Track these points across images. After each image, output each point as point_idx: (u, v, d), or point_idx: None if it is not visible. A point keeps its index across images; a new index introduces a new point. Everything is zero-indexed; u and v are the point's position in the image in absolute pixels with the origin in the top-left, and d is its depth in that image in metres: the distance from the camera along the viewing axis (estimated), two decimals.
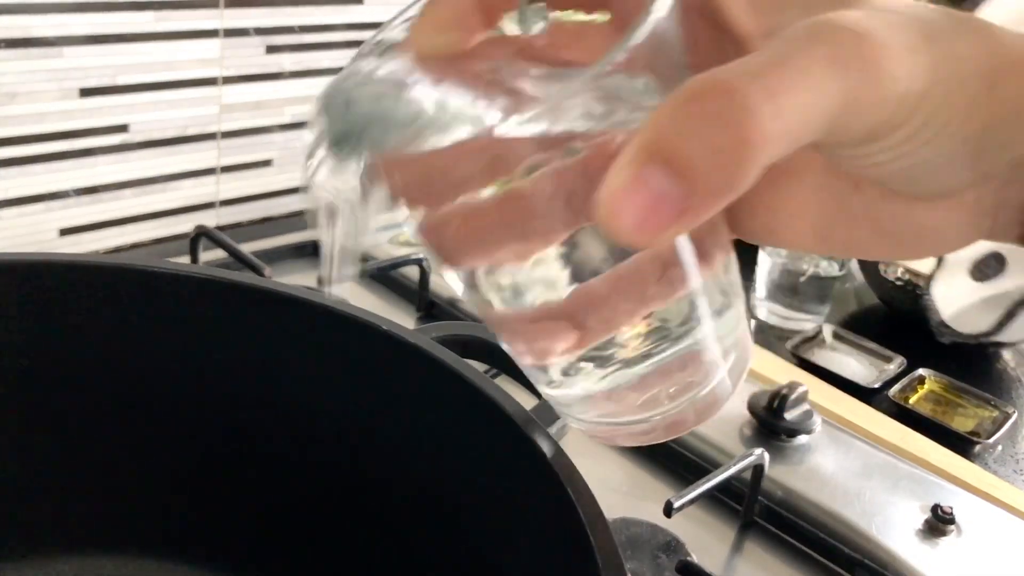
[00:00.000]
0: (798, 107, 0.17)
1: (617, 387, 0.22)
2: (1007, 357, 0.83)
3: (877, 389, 0.71)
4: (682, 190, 0.16)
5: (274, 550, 0.40)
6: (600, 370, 0.22)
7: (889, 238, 0.22)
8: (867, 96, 0.18)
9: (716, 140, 0.16)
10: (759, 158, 0.16)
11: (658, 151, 0.16)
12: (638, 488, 0.57)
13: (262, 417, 0.39)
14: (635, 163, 0.16)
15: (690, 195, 0.16)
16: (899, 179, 0.20)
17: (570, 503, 0.29)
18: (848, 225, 0.23)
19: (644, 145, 0.16)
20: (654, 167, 0.16)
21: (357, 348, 0.37)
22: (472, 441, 0.35)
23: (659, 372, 0.22)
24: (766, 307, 0.81)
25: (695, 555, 0.51)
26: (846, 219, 0.22)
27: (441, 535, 0.36)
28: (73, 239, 0.73)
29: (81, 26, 0.67)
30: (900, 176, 0.20)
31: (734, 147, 0.16)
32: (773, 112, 0.16)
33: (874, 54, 0.18)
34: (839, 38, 0.18)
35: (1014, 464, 0.67)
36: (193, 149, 0.77)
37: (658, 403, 0.23)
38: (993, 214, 0.21)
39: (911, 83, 0.18)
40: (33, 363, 0.38)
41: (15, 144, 0.67)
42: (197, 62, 0.74)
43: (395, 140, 0.20)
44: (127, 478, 0.40)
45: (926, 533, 0.54)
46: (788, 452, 0.59)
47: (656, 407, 0.23)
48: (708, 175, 0.16)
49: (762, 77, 0.17)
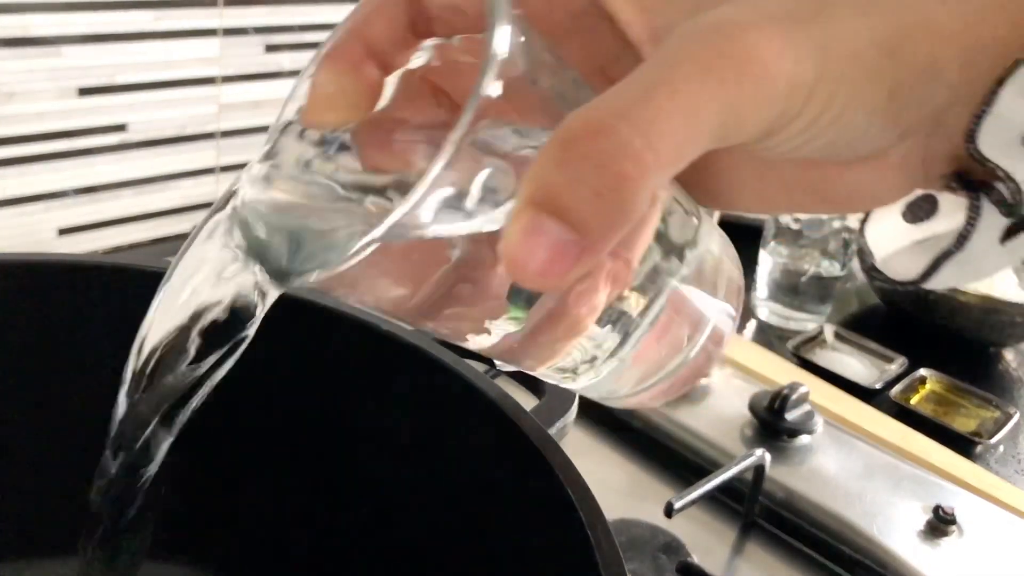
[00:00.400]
0: (672, 134, 0.17)
1: (636, 354, 0.23)
2: (1009, 357, 0.83)
3: (878, 389, 0.71)
4: (575, 236, 0.16)
5: (272, 550, 0.40)
6: (613, 349, 0.23)
7: (826, 200, 0.23)
8: (748, 102, 0.18)
9: (595, 184, 0.16)
10: (641, 192, 0.17)
11: (543, 203, 0.17)
12: (638, 489, 0.57)
13: (261, 417, 0.39)
14: (525, 216, 0.17)
15: (584, 238, 0.17)
16: (819, 154, 0.20)
17: (570, 503, 0.29)
18: (786, 192, 0.23)
19: (530, 199, 0.17)
20: (544, 218, 0.16)
21: (357, 348, 0.37)
22: (472, 441, 0.35)
23: (660, 326, 0.23)
24: (767, 307, 0.81)
25: (696, 556, 0.51)
26: (783, 187, 0.23)
27: (440, 535, 0.36)
28: (72, 239, 0.73)
29: (80, 25, 0.67)
30: (818, 152, 0.20)
31: (614, 188, 0.16)
32: (645, 145, 0.16)
33: (749, 56, 0.17)
34: (711, 46, 0.17)
35: (1015, 464, 0.66)
36: (192, 148, 0.77)
37: (677, 350, 0.24)
38: (922, 166, 0.21)
39: (796, 74, 0.18)
40: (32, 363, 0.38)
41: (13, 143, 0.67)
42: (196, 61, 0.74)
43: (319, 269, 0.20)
44: None
45: (927, 534, 0.54)
46: (789, 453, 0.59)
47: (677, 354, 0.24)
48: (595, 218, 0.16)
49: (632, 110, 0.17)
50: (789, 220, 0.78)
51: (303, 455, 0.39)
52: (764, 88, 0.18)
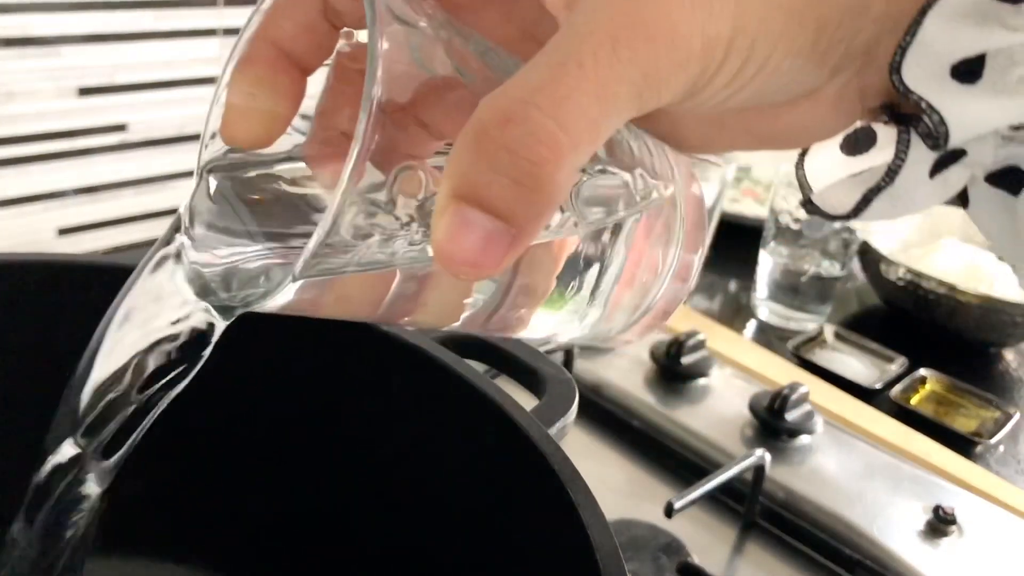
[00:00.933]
0: (585, 112, 0.17)
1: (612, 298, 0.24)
2: (1009, 358, 0.83)
3: (879, 390, 0.71)
4: (501, 224, 0.16)
5: (271, 550, 0.40)
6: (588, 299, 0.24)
7: (767, 140, 0.23)
8: (664, 67, 0.17)
9: (512, 173, 0.16)
10: (560, 174, 0.17)
11: (466, 196, 0.16)
12: (638, 489, 0.57)
13: (260, 417, 0.39)
14: (449, 210, 0.16)
15: (511, 225, 0.17)
16: (751, 102, 0.20)
17: (570, 504, 0.29)
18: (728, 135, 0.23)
19: (452, 193, 0.17)
20: (467, 210, 0.16)
21: (357, 348, 0.37)
22: (472, 441, 0.35)
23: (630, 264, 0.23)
24: (767, 307, 0.81)
25: (696, 556, 0.51)
26: (723, 131, 0.23)
27: (440, 535, 0.36)
28: (71, 239, 0.73)
29: (80, 25, 0.67)
30: (750, 101, 0.20)
31: (532, 174, 0.16)
32: (557, 127, 0.16)
33: (659, 20, 0.17)
34: (620, 14, 0.17)
35: (1016, 465, 0.66)
36: (192, 148, 0.77)
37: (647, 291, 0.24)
38: (859, 100, 0.21)
39: (711, 32, 0.18)
40: (32, 363, 0.37)
41: (13, 143, 0.67)
42: (196, 61, 0.74)
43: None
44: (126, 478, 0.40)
45: (928, 534, 0.54)
46: (789, 453, 0.59)
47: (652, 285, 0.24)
48: (518, 205, 0.16)
49: (541, 92, 0.16)
50: (789, 221, 0.78)
51: (303, 455, 0.39)
52: (678, 51, 0.17)
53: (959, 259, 0.82)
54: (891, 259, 0.79)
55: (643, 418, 0.61)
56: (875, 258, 0.81)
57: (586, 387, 0.63)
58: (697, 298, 0.83)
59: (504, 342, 0.40)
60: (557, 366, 0.38)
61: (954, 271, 0.80)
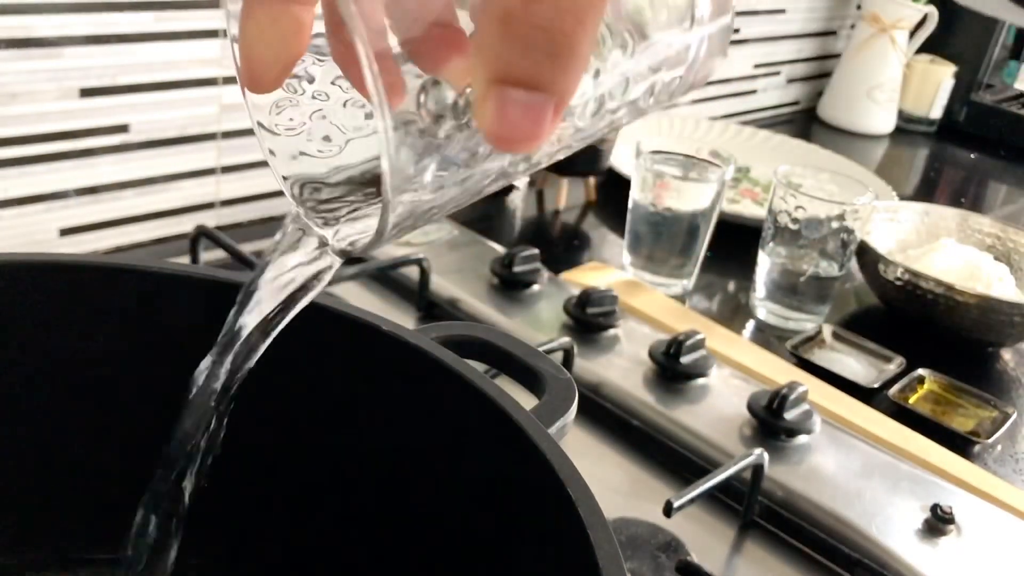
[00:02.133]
0: None
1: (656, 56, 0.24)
2: (1007, 357, 0.83)
3: (877, 389, 0.71)
4: (544, 95, 0.17)
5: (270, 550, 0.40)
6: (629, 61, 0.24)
7: None
8: None
9: (546, 48, 0.17)
10: (589, 35, 0.17)
11: (504, 78, 0.17)
12: (638, 488, 0.57)
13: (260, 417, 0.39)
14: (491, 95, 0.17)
15: (552, 94, 0.17)
16: None
17: (570, 503, 0.29)
18: None
19: (490, 78, 0.17)
20: (509, 90, 0.17)
21: (357, 348, 0.37)
22: (472, 441, 0.35)
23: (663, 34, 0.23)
24: (766, 307, 0.81)
25: (695, 555, 0.51)
26: None
27: (440, 535, 0.36)
28: (73, 239, 0.73)
29: (81, 26, 0.67)
30: None
31: (566, 44, 0.17)
32: None
33: None
34: None
35: (1013, 464, 0.67)
36: (193, 149, 0.77)
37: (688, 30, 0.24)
38: None
39: None
40: (32, 363, 0.38)
41: (15, 144, 0.67)
42: (197, 62, 0.74)
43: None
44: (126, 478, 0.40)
45: (926, 533, 0.55)
46: (788, 452, 0.59)
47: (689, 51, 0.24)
48: (556, 74, 0.17)
49: None
50: (788, 221, 0.78)
51: (302, 455, 0.39)
52: None
53: (957, 259, 0.83)
54: (889, 259, 0.80)
55: (642, 417, 0.61)
56: (873, 258, 0.81)
57: (586, 387, 0.63)
58: (696, 298, 0.84)
59: (504, 342, 0.40)
60: (557, 366, 0.39)
61: (952, 271, 0.81)
